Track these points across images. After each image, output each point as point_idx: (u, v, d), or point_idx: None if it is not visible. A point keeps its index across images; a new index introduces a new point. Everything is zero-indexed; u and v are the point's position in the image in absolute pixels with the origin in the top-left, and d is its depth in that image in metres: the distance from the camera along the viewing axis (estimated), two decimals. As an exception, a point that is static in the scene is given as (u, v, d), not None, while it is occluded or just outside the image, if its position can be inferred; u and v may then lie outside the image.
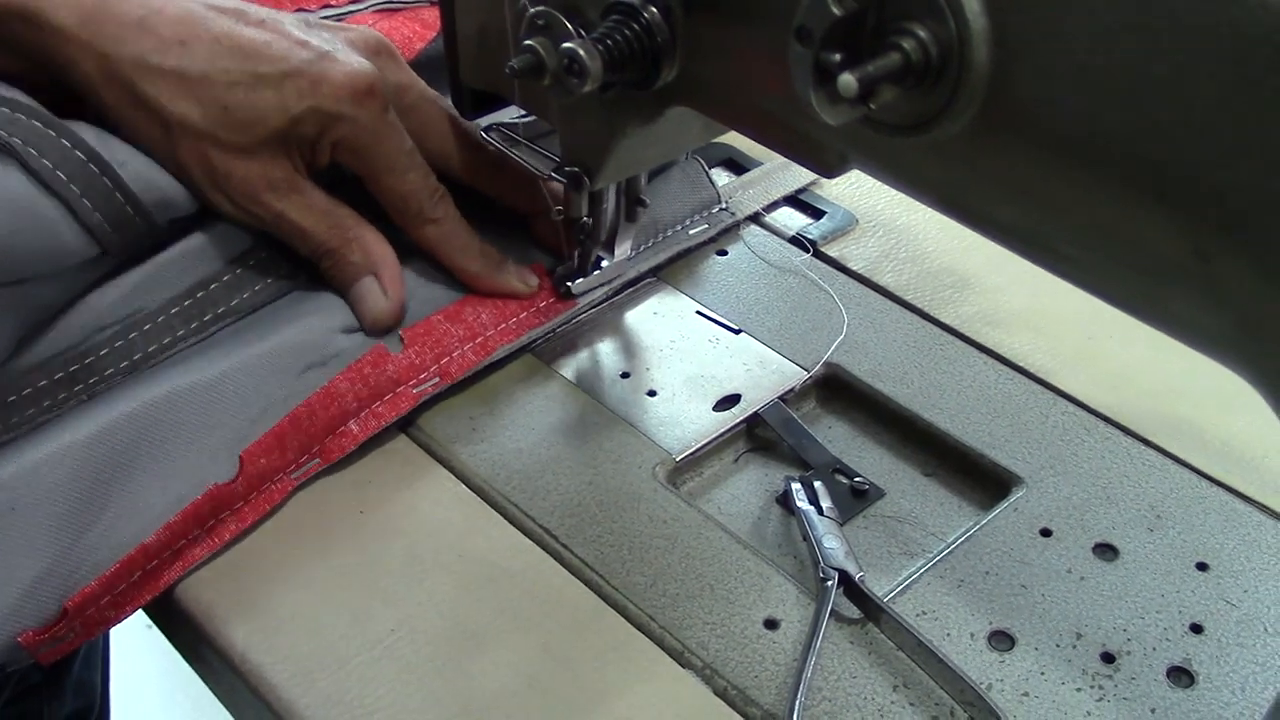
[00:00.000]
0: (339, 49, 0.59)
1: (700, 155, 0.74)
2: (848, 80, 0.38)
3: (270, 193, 0.58)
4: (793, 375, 0.64)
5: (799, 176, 0.77)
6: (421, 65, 0.67)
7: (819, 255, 0.72)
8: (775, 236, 0.74)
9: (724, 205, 0.73)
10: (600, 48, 0.47)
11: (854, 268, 0.71)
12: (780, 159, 0.77)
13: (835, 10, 0.39)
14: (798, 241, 0.73)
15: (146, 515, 0.52)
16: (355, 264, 0.61)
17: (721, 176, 0.78)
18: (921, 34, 0.39)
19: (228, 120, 0.56)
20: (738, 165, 0.80)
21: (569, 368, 0.65)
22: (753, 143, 0.76)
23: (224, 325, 0.60)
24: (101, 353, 0.56)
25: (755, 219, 0.75)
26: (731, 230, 0.73)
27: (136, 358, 0.56)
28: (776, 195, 0.76)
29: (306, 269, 0.62)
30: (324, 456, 0.57)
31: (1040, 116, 0.39)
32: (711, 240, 0.72)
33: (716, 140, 0.78)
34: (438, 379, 0.61)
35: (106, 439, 0.52)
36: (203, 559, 0.54)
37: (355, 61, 0.58)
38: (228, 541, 0.54)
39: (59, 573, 0.50)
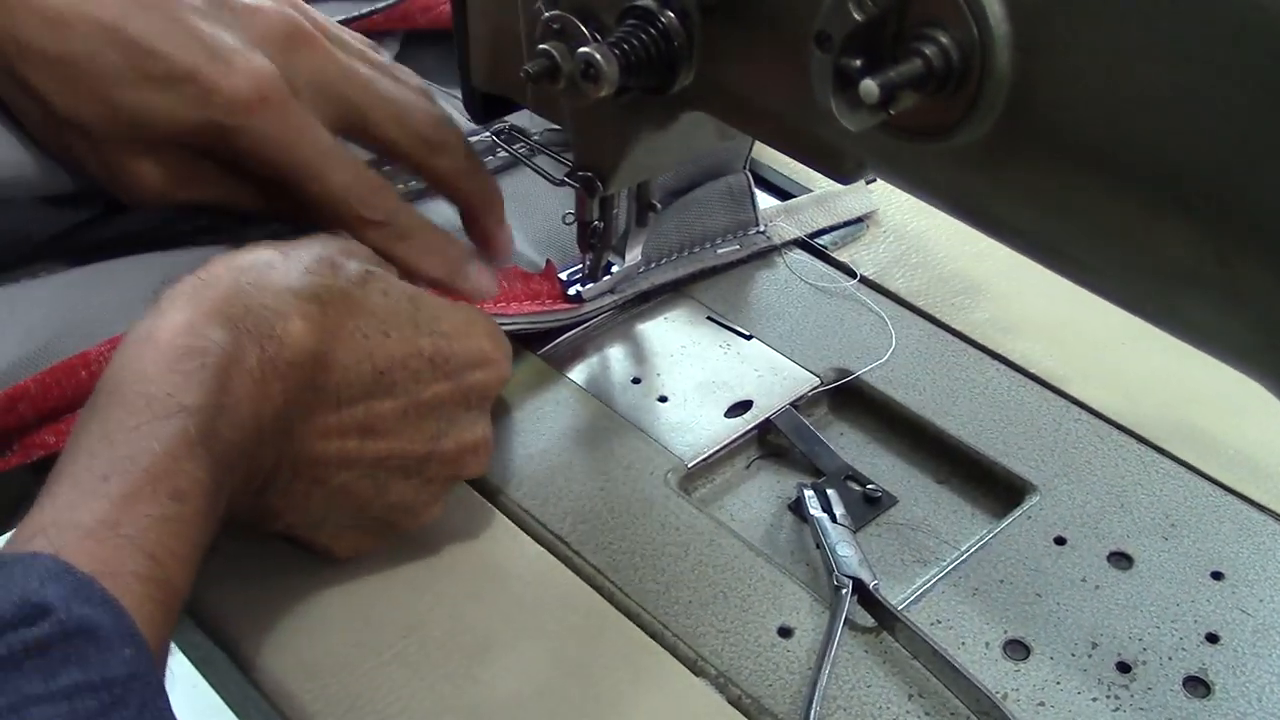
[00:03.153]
0: (237, 46, 0.54)
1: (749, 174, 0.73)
2: (869, 86, 0.38)
3: (179, 188, 0.56)
4: (804, 381, 0.64)
5: (849, 208, 0.75)
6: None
7: (828, 260, 0.72)
8: (798, 248, 0.73)
9: (761, 229, 0.72)
10: (617, 52, 0.47)
11: (864, 273, 0.71)
12: (825, 188, 0.76)
13: (856, 15, 0.39)
14: (809, 248, 0.73)
15: (95, 335, 0.51)
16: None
17: (764, 200, 0.76)
18: (943, 40, 0.38)
19: (117, 119, 0.53)
20: (781, 191, 0.78)
21: (579, 373, 0.64)
22: (796, 166, 0.77)
23: None
24: None
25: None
26: (767, 254, 0.72)
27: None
28: (822, 224, 0.74)
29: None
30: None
31: (1062, 123, 0.38)
32: (741, 262, 0.71)
33: (766, 163, 0.78)
34: None
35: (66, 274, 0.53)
36: None
37: (251, 63, 0.53)
38: None
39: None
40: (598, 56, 0.47)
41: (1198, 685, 0.50)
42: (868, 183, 0.77)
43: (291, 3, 0.59)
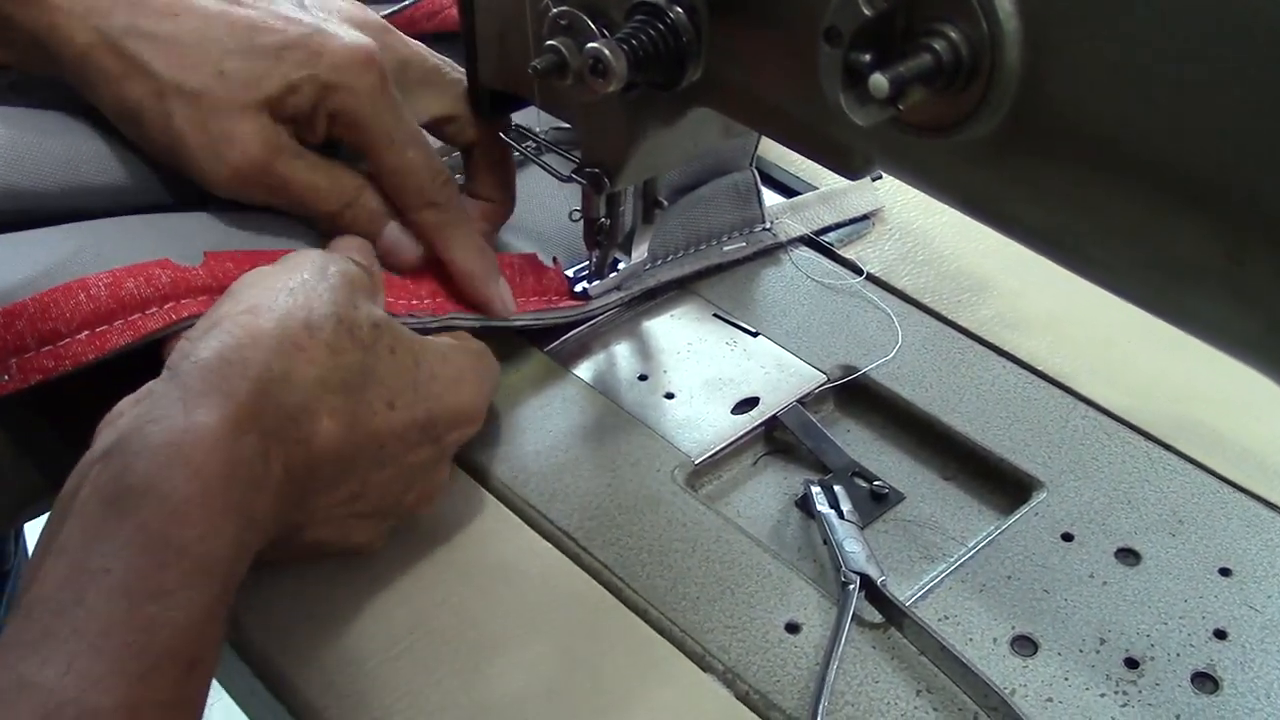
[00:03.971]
0: (334, 24, 0.57)
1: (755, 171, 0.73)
2: (879, 81, 0.38)
3: (277, 156, 0.56)
4: (811, 378, 0.64)
5: (855, 205, 0.76)
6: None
7: (834, 257, 0.72)
8: (803, 245, 0.73)
9: (767, 226, 0.72)
10: (625, 48, 0.47)
11: (871, 270, 0.71)
12: (831, 184, 0.76)
13: (865, 10, 0.39)
14: (815, 245, 0.73)
15: (98, 266, 0.51)
16: (376, 209, 0.59)
17: (770, 198, 0.76)
18: (953, 35, 0.39)
19: (224, 83, 0.55)
20: (787, 189, 0.78)
21: (586, 370, 0.64)
22: (802, 163, 0.77)
23: None
24: None
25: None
26: (772, 251, 0.72)
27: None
28: (827, 221, 0.74)
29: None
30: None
31: (1072, 118, 0.38)
32: (748, 259, 0.71)
33: (772, 160, 0.78)
34: None
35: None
36: (156, 331, 0.51)
37: (352, 35, 0.57)
38: (186, 321, 0.51)
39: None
40: (606, 52, 0.47)
41: (1206, 681, 0.50)
42: (874, 179, 0.77)
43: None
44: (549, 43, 0.51)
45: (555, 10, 0.52)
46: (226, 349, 0.45)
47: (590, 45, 0.48)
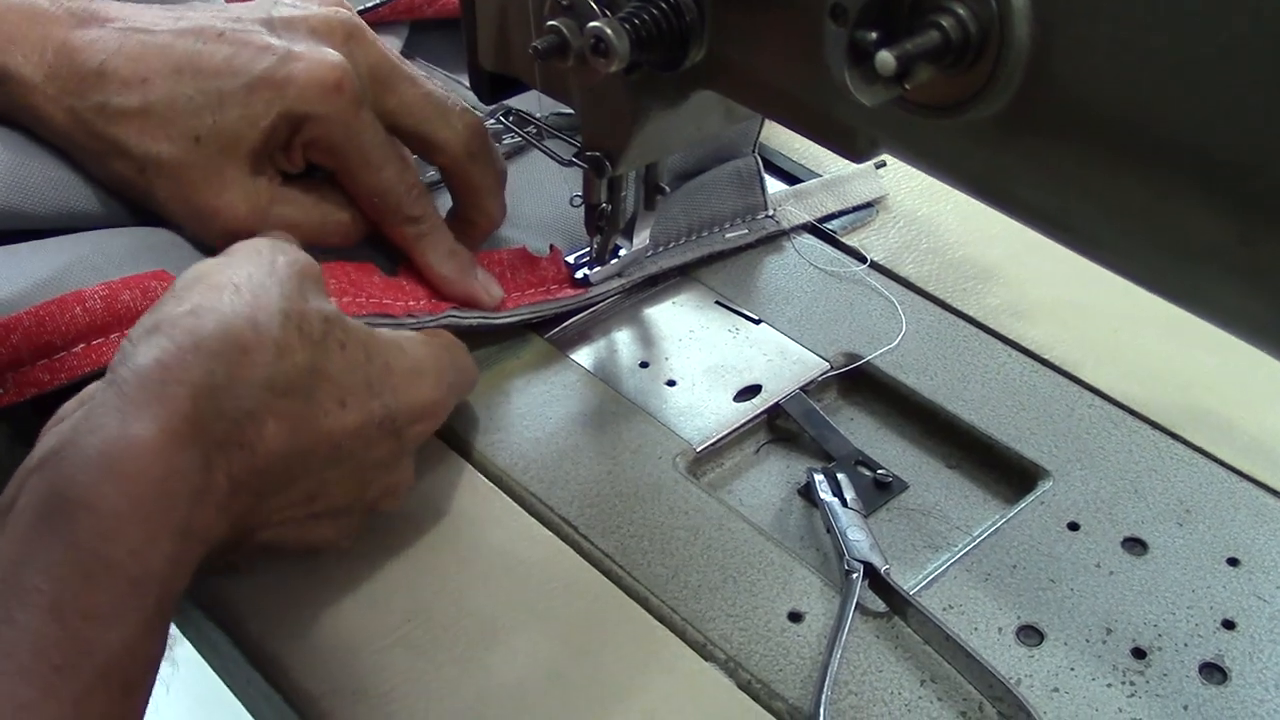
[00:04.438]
0: (303, 44, 0.56)
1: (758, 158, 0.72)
2: (885, 58, 0.37)
3: (264, 214, 0.57)
4: (814, 366, 0.63)
5: (858, 192, 0.75)
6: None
7: (837, 244, 0.71)
8: (806, 232, 0.72)
9: (770, 213, 0.72)
10: (627, 27, 0.47)
11: (874, 258, 0.70)
12: (835, 171, 0.75)
13: (872, -14, 0.39)
14: (818, 232, 0.72)
15: (93, 279, 0.52)
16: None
17: (772, 185, 0.75)
18: (961, 11, 0.38)
19: (201, 152, 0.55)
20: (789, 175, 0.77)
21: (586, 357, 0.64)
22: (805, 151, 0.77)
23: None
24: None
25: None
26: (775, 239, 0.71)
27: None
28: (831, 208, 0.73)
29: None
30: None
31: (1081, 97, 0.38)
32: (750, 246, 0.71)
33: (774, 148, 0.77)
34: None
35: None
36: None
37: (321, 56, 0.56)
38: None
39: None
40: (608, 31, 0.46)
41: (1214, 672, 0.49)
42: (877, 167, 0.77)
43: (337, 2, 0.61)
44: (550, 23, 0.51)
45: (556, -10, 0.51)
46: (166, 355, 0.42)
47: (591, 24, 0.47)
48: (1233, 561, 0.54)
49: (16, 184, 0.55)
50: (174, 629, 0.56)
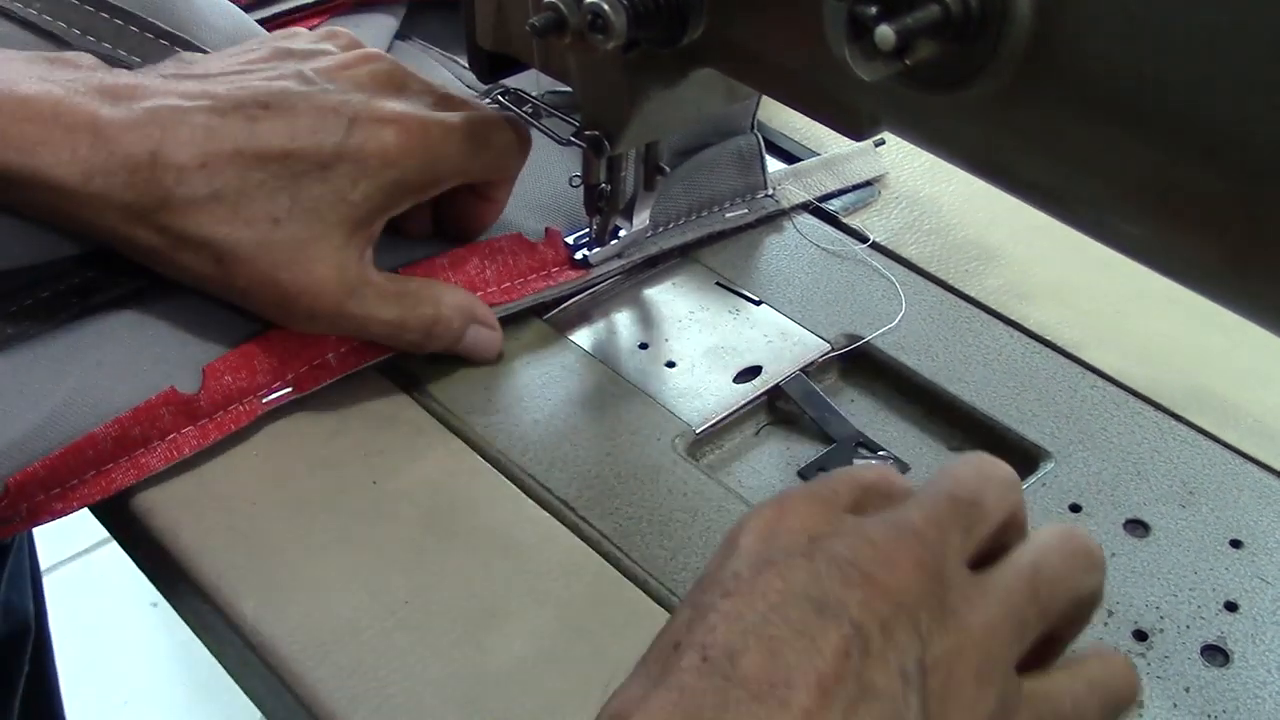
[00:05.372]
0: (358, 101, 0.54)
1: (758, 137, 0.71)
2: (885, 32, 0.37)
3: (351, 299, 0.54)
4: (814, 347, 0.63)
5: (858, 170, 0.74)
6: None
7: (838, 225, 0.71)
8: (807, 212, 0.72)
9: (770, 192, 0.71)
10: (625, 2, 0.46)
11: (876, 238, 0.70)
12: (834, 150, 0.75)
13: (872, -41, 0.38)
14: (820, 213, 0.72)
15: (100, 409, 0.51)
16: (457, 329, 0.58)
17: (771, 164, 0.74)
18: (962, -16, 0.37)
19: (282, 235, 0.52)
20: (788, 154, 0.77)
21: (585, 338, 0.63)
22: (803, 130, 0.76)
23: None
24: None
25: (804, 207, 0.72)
26: (775, 218, 0.71)
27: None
28: (830, 187, 0.73)
29: None
30: (298, 386, 0.56)
31: (1085, 71, 0.37)
32: (750, 226, 0.70)
33: (774, 127, 0.76)
34: None
35: (67, 334, 0.53)
36: (159, 469, 0.53)
37: (386, 111, 0.54)
38: (187, 456, 0.54)
39: (7, 453, 0.49)
40: (606, 7, 0.46)
41: (1216, 654, 0.49)
42: (876, 145, 0.76)
43: (361, 46, 0.60)
44: (548, 0, 0.50)
45: (554, -34, 0.50)
46: None
47: (589, 0, 0.47)
48: (1235, 543, 0.53)
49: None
50: (170, 611, 0.56)
